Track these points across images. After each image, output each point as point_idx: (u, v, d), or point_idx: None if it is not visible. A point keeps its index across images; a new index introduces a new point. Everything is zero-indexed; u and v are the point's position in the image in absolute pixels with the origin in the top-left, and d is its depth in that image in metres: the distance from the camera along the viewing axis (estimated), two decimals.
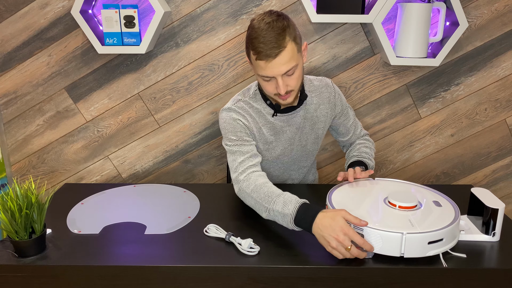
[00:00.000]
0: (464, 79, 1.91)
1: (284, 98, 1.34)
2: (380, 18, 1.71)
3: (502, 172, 2.04)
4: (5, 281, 1.09)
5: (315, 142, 1.57)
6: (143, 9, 1.83)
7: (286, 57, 1.24)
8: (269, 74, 1.27)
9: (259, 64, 1.27)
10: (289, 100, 1.35)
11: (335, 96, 1.54)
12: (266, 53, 1.23)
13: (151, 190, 1.53)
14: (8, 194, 1.08)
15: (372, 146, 1.63)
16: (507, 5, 1.81)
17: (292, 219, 1.15)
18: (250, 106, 1.45)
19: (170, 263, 1.08)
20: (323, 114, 1.52)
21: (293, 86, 1.32)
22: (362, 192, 1.29)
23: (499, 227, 1.16)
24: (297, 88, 1.35)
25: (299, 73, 1.32)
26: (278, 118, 1.46)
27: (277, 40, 1.22)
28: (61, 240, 1.18)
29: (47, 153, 2.02)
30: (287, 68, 1.26)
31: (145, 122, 1.98)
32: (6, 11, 1.83)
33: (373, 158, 1.58)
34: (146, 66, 1.91)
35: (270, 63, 1.24)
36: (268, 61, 1.24)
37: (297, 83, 1.32)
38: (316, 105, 1.50)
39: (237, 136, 1.40)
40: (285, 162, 1.57)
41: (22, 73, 1.91)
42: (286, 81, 1.30)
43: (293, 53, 1.26)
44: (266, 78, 1.30)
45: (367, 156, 1.54)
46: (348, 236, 1.06)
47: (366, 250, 1.07)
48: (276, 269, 1.07)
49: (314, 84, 1.52)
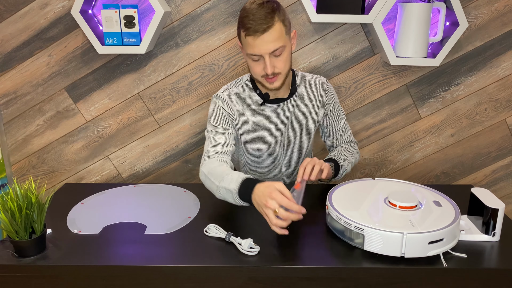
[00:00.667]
0: (464, 79, 1.91)
1: (271, 81, 1.37)
2: (380, 18, 1.71)
3: (502, 172, 2.04)
4: (5, 281, 1.08)
5: (306, 139, 1.58)
6: (143, 9, 1.83)
7: (273, 35, 1.28)
8: (256, 52, 1.31)
9: (248, 41, 1.31)
10: (276, 84, 1.38)
11: (327, 94, 1.56)
12: (254, 29, 1.27)
13: (151, 190, 1.53)
14: (8, 194, 1.08)
15: (355, 153, 1.62)
16: (507, 5, 1.81)
17: (236, 194, 1.22)
18: (238, 95, 1.49)
19: (170, 263, 1.08)
20: (314, 110, 1.54)
21: (280, 69, 1.35)
22: (363, 192, 1.29)
23: (499, 227, 1.16)
24: (285, 72, 1.37)
25: (286, 56, 1.35)
26: (266, 108, 1.48)
27: (265, 17, 1.27)
28: (61, 240, 1.18)
29: (47, 153, 2.02)
30: (274, 46, 1.29)
31: (145, 122, 1.98)
32: (6, 11, 1.83)
33: (350, 164, 1.55)
34: (146, 66, 1.91)
35: (258, 39, 1.28)
36: (256, 37, 1.28)
37: (284, 66, 1.36)
38: (307, 101, 1.53)
39: (217, 123, 1.46)
40: (274, 156, 1.57)
41: (22, 73, 1.91)
42: (273, 61, 1.33)
43: (281, 33, 1.30)
44: (255, 57, 1.33)
45: (343, 158, 1.53)
46: (276, 200, 1.09)
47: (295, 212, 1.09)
48: (276, 269, 1.07)
49: (308, 80, 1.55)
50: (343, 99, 1.94)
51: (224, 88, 1.52)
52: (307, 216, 1.32)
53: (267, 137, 1.52)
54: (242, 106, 1.48)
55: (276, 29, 1.29)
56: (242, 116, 1.48)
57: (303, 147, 1.60)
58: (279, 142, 1.54)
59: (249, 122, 1.49)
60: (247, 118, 1.49)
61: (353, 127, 1.99)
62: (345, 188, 1.32)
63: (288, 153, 1.58)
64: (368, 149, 2.02)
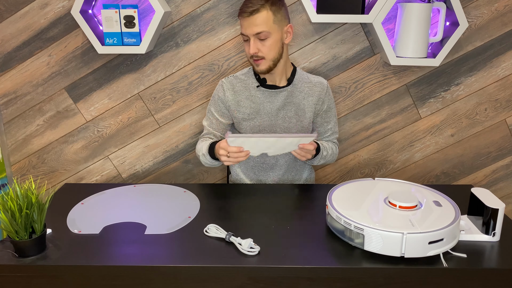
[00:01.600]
0: (464, 79, 1.91)
1: (256, 63, 1.52)
2: (380, 18, 1.71)
3: (502, 172, 2.04)
4: (5, 281, 1.08)
5: (301, 131, 1.66)
6: (143, 9, 1.83)
7: (258, 19, 1.44)
8: (244, 32, 1.49)
9: (240, 22, 1.50)
10: (261, 67, 1.52)
11: (325, 94, 1.65)
12: (243, 10, 1.46)
13: (151, 190, 1.53)
14: (8, 194, 1.08)
15: (335, 151, 1.72)
16: (507, 5, 1.81)
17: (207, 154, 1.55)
18: (238, 80, 1.64)
19: (170, 263, 1.08)
20: (310, 104, 1.64)
21: (264, 53, 1.49)
22: (363, 192, 1.29)
23: (499, 227, 1.16)
24: (269, 58, 1.50)
25: (271, 43, 1.49)
26: (261, 92, 1.61)
27: (256, 3, 1.44)
28: (61, 240, 1.18)
29: (47, 153, 2.02)
30: (258, 29, 1.45)
31: (145, 122, 1.98)
32: (6, 11, 1.83)
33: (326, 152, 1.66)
34: (146, 66, 1.91)
35: (245, 20, 1.46)
36: (243, 18, 1.47)
37: (268, 52, 1.49)
38: (305, 94, 1.63)
39: (215, 109, 1.66)
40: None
41: (22, 73, 1.91)
42: (257, 44, 1.48)
43: (267, 20, 1.45)
44: (245, 37, 1.50)
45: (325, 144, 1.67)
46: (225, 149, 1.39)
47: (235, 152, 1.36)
48: (276, 269, 1.07)
49: (309, 78, 1.66)
50: (343, 99, 1.94)
51: (231, 75, 1.67)
52: (307, 216, 1.32)
53: (259, 120, 1.62)
54: (239, 90, 1.62)
55: (262, 15, 1.44)
56: (236, 100, 1.62)
57: None
58: (272, 128, 1.63)
59: (243, 104, 1.62)
60: (241, 101, 1.62)
61: (353, 127, 1.99)
62: (345, 188, 1.32)
63: None
64: (368, 149, 2.02)
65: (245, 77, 1.64)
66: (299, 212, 1.37)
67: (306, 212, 1.36)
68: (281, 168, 1.69)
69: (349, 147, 2.02)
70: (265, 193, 1.51)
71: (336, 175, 2.07)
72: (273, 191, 1.52)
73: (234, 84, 1.63)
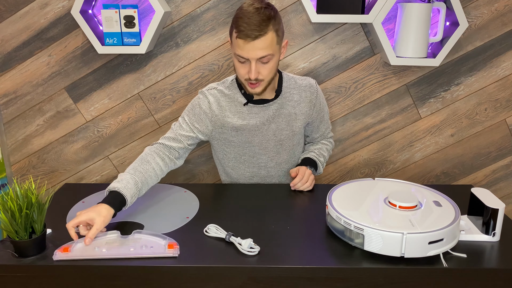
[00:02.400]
0: (464, 79, 1.91)
1: (252, 86, 1.40)
2: (380, 18, 1.71)
3: (502, 172, 2.04)
4: (5, 281, 1.08)
5: (293, 140, 1.60)
6: (143, 9, 1.83)
7: (264, 43, 1.31)
8: (244, 55, 1.33)
9: (238, 43, 1.32)
10: (257, 90, 1.40)
11: (316, 97, 1.59)
12: (246, 33, 1.29)
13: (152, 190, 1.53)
14: (8, 194, 1.08)
15: (330, 149, 1.73)
16: (507, 5, 1.81)
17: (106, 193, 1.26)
18: (222, 94, 1.50)
19: (170, 263, 1.08)
20: (302, 112, 1.56)
21: (264, 76, 1.37)
22: (363, 192, 1.29)
23: (499, 227, 1.16)
24: (267, 80, 1.40)
25: (273, 65, 1.37)
26: (249, 108, 1.50)
27: (260, 24, 1.29)
28: (61, 240, 1.17)
29: (47, 153, 2.02)
30: (262, 53, 1.32)
31: (145, 122, 1.98)
32: (6, 11, 1.83)
33: (325, 163, 1.67)
34: (146, 66, 1.91)
35: (248, 44, 1.30)
36: (247, 42, 1.30)
37: (268, 74, 1.38)
38: (296, 102, 1.55)
39: (190, 118, 1.49)
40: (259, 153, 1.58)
41: (22, 73, 1.91)
42: (259, 68, 1.35)
43: (272, 42, 1.32)
44: (242, 59, 1.35)
45: (323, 160, 1.65)
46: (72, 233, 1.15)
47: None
48: (276, 269, 1.07)
49: (297, 82, 1.57)
50: (343, 99, 1.94)
51: (209, 87, 1.53)
52: (307, 216, 1.32)
53: (247, 135, 1.53)
54: (225, 105, 1.50)
55: (268, 38, 1.31)
56: (223, 115, 1.50)
57: (289, 147, 1.61)
58: (264, 142, 1.55)
59: (230, 121, 1.50)
60: (229, 116, 1.50)
61: (353, 127, 1.99)
62: (345, 188, 1.32)
63: (273, 153, 1.59)
64: (368, 149, 2.02)
65: (229, 92, 1.50)
66: (299, 212, 1.37)
67: (306, 212, 1.36)
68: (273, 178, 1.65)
69: (349, 147, 2.02)
70: (265, 193, 1.51)
71: (336, 175, 2.07)
72: (273, 191, 1.52)
73: (218, 98, 1.50)
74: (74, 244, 1.13)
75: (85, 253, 1.10)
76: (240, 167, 1.61)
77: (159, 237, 1.16)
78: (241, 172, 1.62)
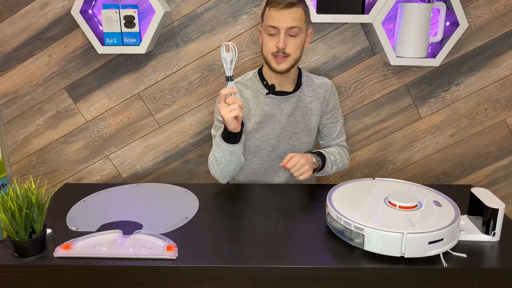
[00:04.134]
0: (464, 79, 1.91)
1: (279, 60, 1.46)
2: (380, 18, 1.71)
3: (502, 172, 2.04)
4: (5, 281, 1.08)
5: (308, 135, 1.63)
6: (143, 9, 1.83)
7: (295, 14, 1.41)
8: (276, 24, 1.41)
9: (271, 13, 1.42)
10: (283, 66, 1.46)
11: (330, 94, 1.63)
12: (279, 2, 1.40)
13: (153, 190, 1.53)
14: (8, 194, 1.08)
15: (345, 159, 1.68)
16: (507, 5, 1.81)
17: (219, 137, 1.45)
18: (245, 87, 1.58)
19: (170, 263, 1.08)
20: (316, 107, 1.61)
21: (291, 51, 1.45)
22: (363, 192, 1.29)
23: (499, 227, 1.16)
24: (294, 57, 1.47)
25: (299, 41, 1.45)
26: (271, 99, 1.56)
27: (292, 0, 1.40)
28: (61, 240, 1.17)
29: (47, 153, 2.02)
30: (292, 23, 1.41)
31: (145, 122, 1.98)
32: (6, 11, 1.83)
33: (335, 167, 1.62)
34: (146, 66, 1.91)
35: (279, 12, 1.40)
36: (279, 9, 1.40)
37: (295, 50, 1.46)
38: (311, 98, 1.60)
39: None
40: (275, 147, 1.61)
41: (22, 73, 1.91)
42: (286, 40, 1.43)
43: (301, 17, 1.43)
44: (272, 30, 1.43)
45: (332, 158, 1.60)
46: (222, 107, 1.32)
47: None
48: (276, 269, 1.07)
49: (313, 80, 1.63)
50: (343, 99, 1.94)
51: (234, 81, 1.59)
52: (307, 216, 1.32)
53: (269, 128, 1.58)
54: (248, 97, 1.57)
55: (298, 11, 1.42)
56: (247, 108, 1.57)
57: (304, 143, 1.64)
58: (280, 134, 1.60)
59: (253, 112, 1.56)
60: (251, 109, 1.57)
61: (353, 127, 1.99)
62: (345, 188, 1.32)
63: (288, 146, 1.63)
64: (368, 149, 2.02)
65: (252, 83, 1.58)
66: (299, 212, 1.37)
67: (306, 212, 1.36)
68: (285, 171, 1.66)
69: (349, 147, 2.02)
70: (265, 193, 1.51)
71: (336, 175, 2.07)
72: (273, 191, 1.52)
73: (241, 90, 1.58)
74: (75, 242, 1.14)
75: (85, 251, 1.11)
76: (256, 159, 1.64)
77: (159, 238, 1.16)
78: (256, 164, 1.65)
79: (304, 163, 1.45)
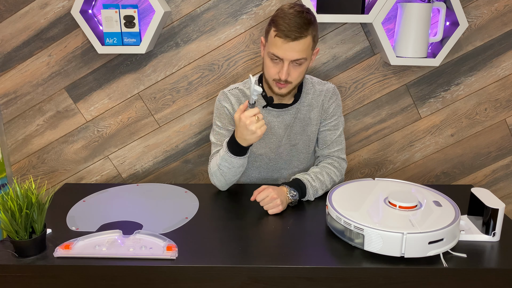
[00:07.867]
0: (464, 79, 1.91)
1: (280, 86, 1.40)
2: (380, 18, 1.71)
3: (502, 172, 2.04)
4: (5, 281, 1.09)
5: (307, 145, 1.59)
6: (143, 9, 1.83)
7: (302, 46, 1.32)
8: (280, 55, 1.34)
9: (276, 41, 1.33)
10: (283, 91, 1.41)
11: (329, 100, 1.57)
12: (286, 33, 1.30)
13: (153, 190, 1.53)
14: (8, 194, 1.08)
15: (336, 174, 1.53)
16: (507, 5, 1.81)
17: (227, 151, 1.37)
18: (244, 95, 1.53)
19: (170, 263, 1.08)
20: (315, 116, 1.56)
21: (293, 79, 1.38)
22: (363, 192, 1.29)
23: (499, 227, 1.16)
24: (295, 84, 1.42)
25: (303, 69, 1.39)
26: (268, 111, 1.51)
27: (301, 27, 1.30)
28: (61, 240, 1.18)
29: (47, 153, 2.02)
30: (298, 56, 1.33)
31: (145, 122, 1.98)
32: (6, 11, 1.83)
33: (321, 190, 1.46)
34: (146, 66, 1.91)
35: (286, 44, 1.31)
36: (285, 42, 1.31)
37: (298, 77, 1.40)
38: (310, 107, 1.55)
39: (222, 122, 1.53)
40: (273, 159, 1.58)
41: (22, 73, 1.91)
42: (290, 69, 1.36)
43: (308, 47, 1.34)
44: (275, 58, 1.36)
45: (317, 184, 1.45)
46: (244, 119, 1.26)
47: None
48: (276, 269, 1.07)
49: (315, 87, 1.57)
50: (343, 99, 1.94)
51: (231, 87, 1.57)
52: (307, 216, 1.32)
53: (266, 139, 1.54)
54: None
55: (306, 42, 1.32)
56: None
57: (304, 153, 1.60)
58: (279, 147, 1.56)
59: None
60: None
61: (353, 127, 1.99)
62: (345, 188, 1.32)
63: (287, 157, 1.59)
64: (368, 149, 2.02)
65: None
66: (299, 212, 1.37)
67: (306, 212, 1.36)
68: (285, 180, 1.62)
69: (349, 147, 2.02)
70: None
71: None
72: None
73: (239, 97, 1.52)
74: (76, 242, 1.14)
75: (85, 251, 1.11)
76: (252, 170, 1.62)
77: (159, 238, 1.16)
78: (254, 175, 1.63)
79: (274, 197, 1.32)
